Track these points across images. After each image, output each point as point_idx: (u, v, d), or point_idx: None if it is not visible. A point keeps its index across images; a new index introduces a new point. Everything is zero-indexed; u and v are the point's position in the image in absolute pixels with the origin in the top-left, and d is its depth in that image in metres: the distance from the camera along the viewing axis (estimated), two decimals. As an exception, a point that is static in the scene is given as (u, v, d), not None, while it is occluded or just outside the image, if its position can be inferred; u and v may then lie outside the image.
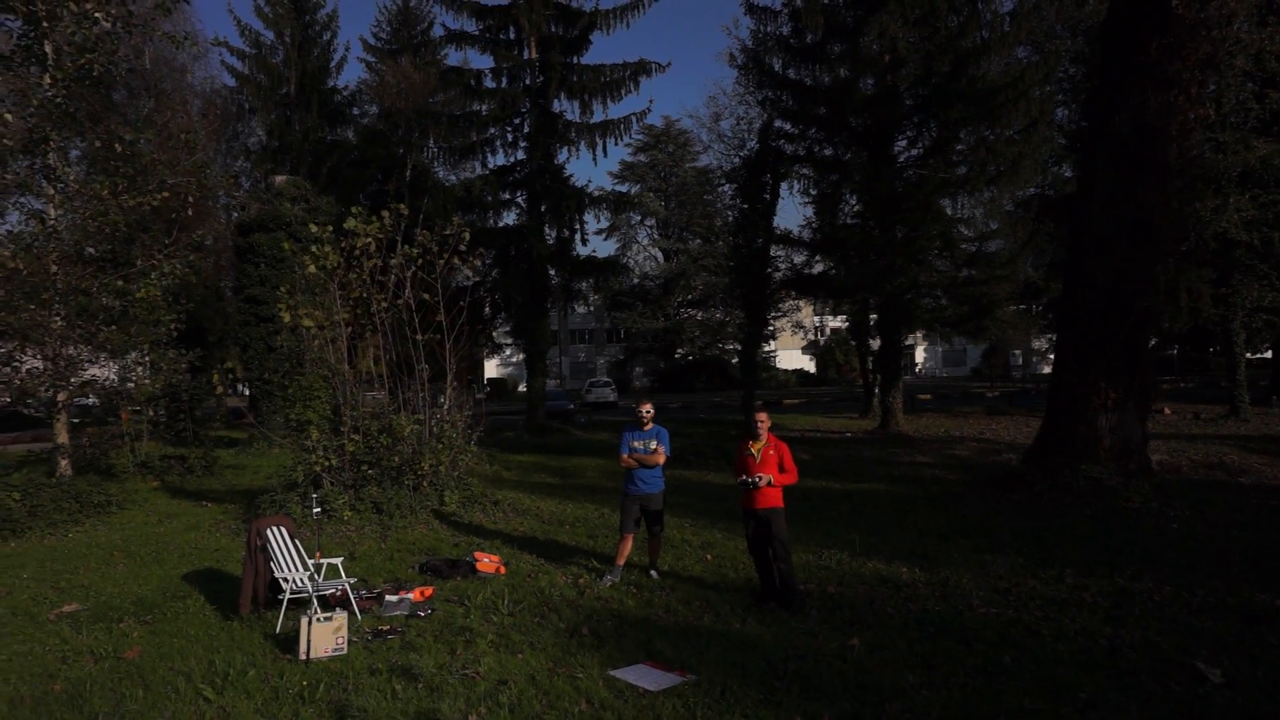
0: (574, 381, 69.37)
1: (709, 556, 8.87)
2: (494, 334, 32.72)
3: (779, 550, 7.16)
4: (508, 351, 61.18)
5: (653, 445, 7.99)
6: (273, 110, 36.28)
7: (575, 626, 6.46)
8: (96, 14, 11.09)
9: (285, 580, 6.62)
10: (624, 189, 66.09)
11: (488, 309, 26.83)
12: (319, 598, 6.68)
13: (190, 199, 12.69)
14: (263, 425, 17.59)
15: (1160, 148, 11.94)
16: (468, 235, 11.51)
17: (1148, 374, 12.79)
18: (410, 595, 7.31)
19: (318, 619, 5.89)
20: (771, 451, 7.29)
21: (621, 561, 8.06)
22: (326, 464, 10.57)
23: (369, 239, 11.30)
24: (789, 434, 24.12)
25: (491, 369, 73.01)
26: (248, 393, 27.61)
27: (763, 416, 7.38)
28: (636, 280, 65.41)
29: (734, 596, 7.36)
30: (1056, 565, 8.16)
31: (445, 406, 11.66)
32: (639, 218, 66.99)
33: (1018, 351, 73.43)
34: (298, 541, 7.16)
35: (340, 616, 5.98)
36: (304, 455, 10.54)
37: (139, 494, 13.98)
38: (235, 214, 22.13)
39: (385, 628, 6.52)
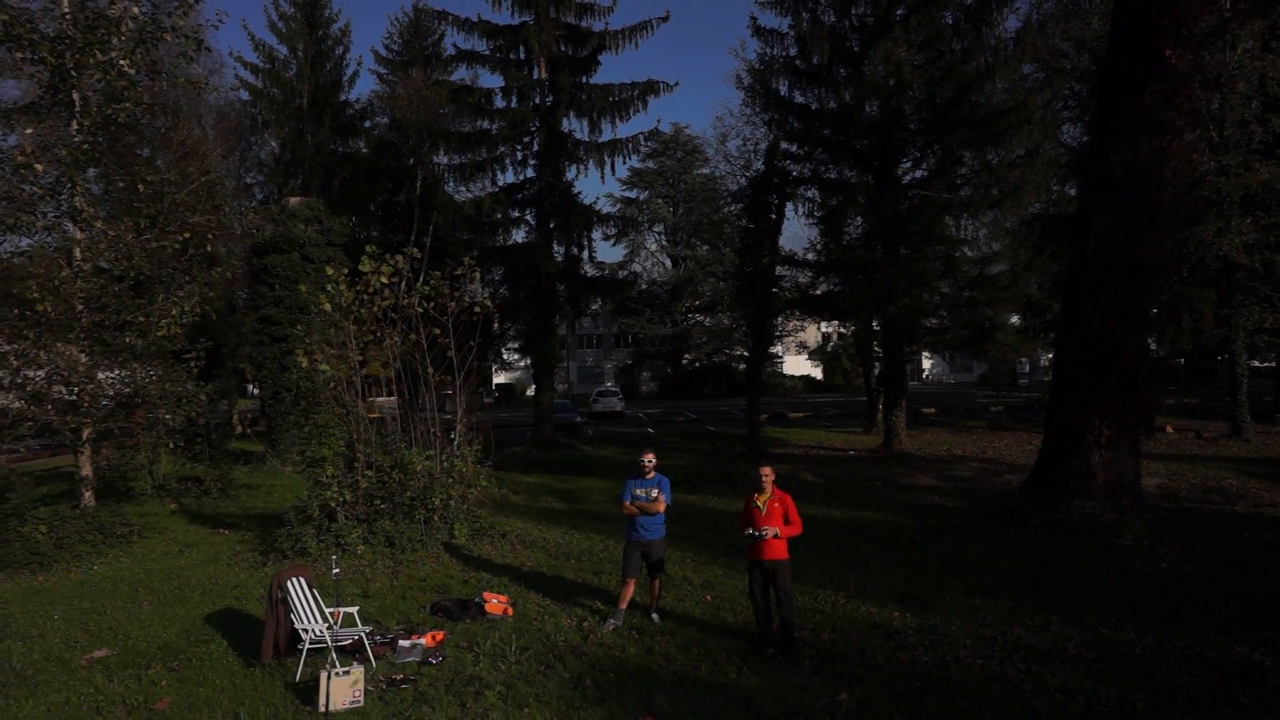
0: (582, 386, 69.78)
1: (709, 598, 9.20)
2: (503, 350, 33.10)
3: (784, 600, 7.51)
4: (517, 358, 61.73)
5: (654, 493, 8.33)
6: (285, 124, 36.73)
7: (579, 677, 6.81)
8: (122, 61, 11.49)
9: (305, 631, 6.98)
10: (632, 195, 66.61)
11: (496, 325, 27.21)
12: (336, 647, 7.04)
13: (210, 236, 13.08)
14: (274, 444, 18.00)
15: (1154, 191, 12.21)
16: (478, 274, 11.86)
17: (1142, 411, 13.06)
18: (423, 640, 7.66)
19: (336, 673, 6.25)
20: (777, 504, 7.63)
21: (624, 605, 8.40)
22: (340, 499, 10.95)
23: (381, 279, 11.68)
24: (794, 451, 24.45)
25: (499, 374, 73.50)
26: (256, 392, 28.03)
27: (767, 471, 7.71)
28: (644, 286, 65.79)
29: (731, 643, 7.69)
30: (1044, 611, 8.46)
31: (455, 442, 12.03)
32: (647, 224, 67.31)
33: (1024, 360, 73.57)
34: (315, 591, 7.52)
35: (357, 670, 6.34)
36: (319, 491, 10.92)
37: (158, 519, 14.40)
38: (253, 232, 22.48)
39: (399, 676, 6.87)
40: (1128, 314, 12.46)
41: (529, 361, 35.72)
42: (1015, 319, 25.05)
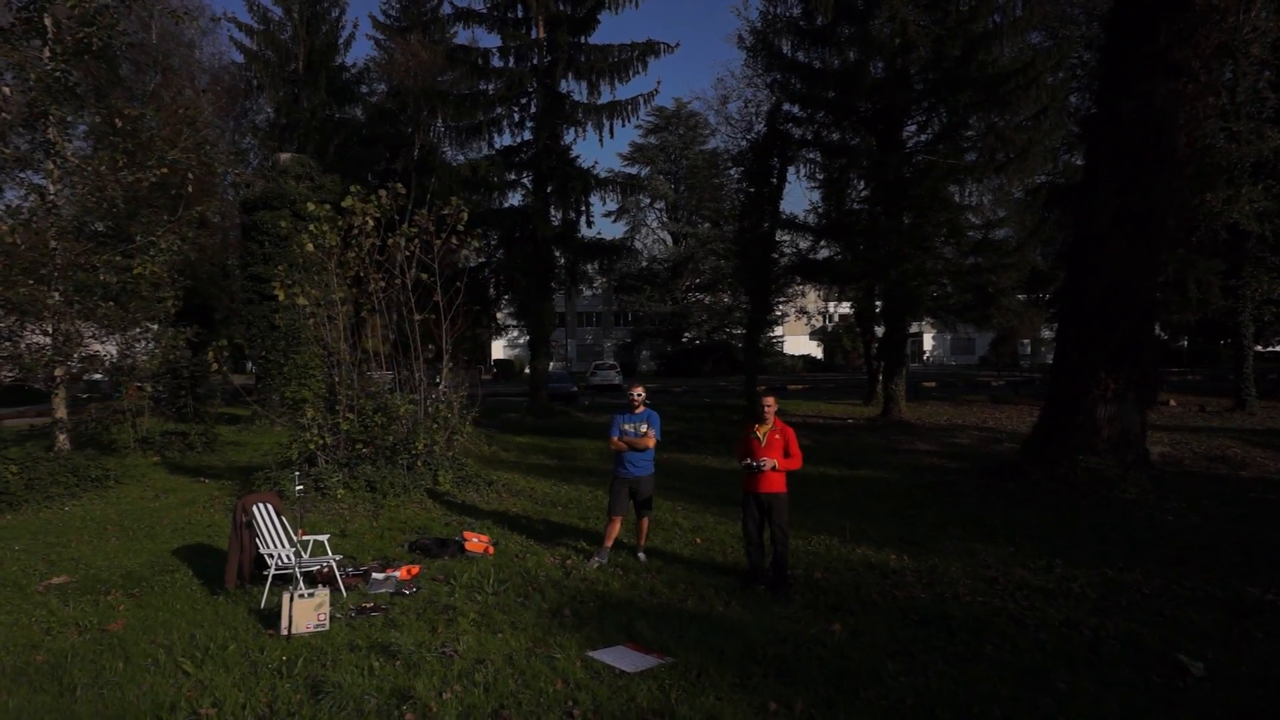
0: (581, 364, 69.42)
1: (698, 540, 8.87)
2: (498, 315, 32.66)
3: (778, 534, 7.17)
4: (515, 333, 61.28)
5: (643, 428, 7.97)
6: (280, 87, 36.11)
7: (558, 607, 6.47)
8: (95, -17, 11.06)
9: (270, 556, 6.64)
10: (633, 171, 65.92)
11: (492, 290, 26.81)
12: (305, 574, 6.71)
13: (191, 174, 12.66)
14: (264, 403, 17.64)
15: (1167, 137, 11.77)
16: (465, 215, 11.45)
17: (1148, 365, 12.69)
18: (397, 573, 7.32)
19: (300, 595, 5.91)
20: (777, 436, 7.28)
21: (609, 543, 8.06)
22: (321, 442, 10.60)
23: (367, 218, 11.31)
24: (792, 420, 24.07)
25: (499, 350, 73.13)
26: (254, 369, 27.75)
27: (769, 400, 7.35)
28: (645, 263, 65.29)
29: (720, 580, 7.36)
30: (1046, 556, 8.12)
31: (441, 386, 11.66)
32: (648, 200, 66.77)
33: (1026, 341, 72.98)
34: (284, 518, 7.18)
35: (322, 593, 6.00)
36: (299, 433, 10.56)
37: (138, 469, 14.07)
38: (241, 190, 22.08)
39: (369, 605, 6.54)
40: (1136, 266, 12.05)
41: (528, 341, 35.41)
42: (1018, 291, 24.54)
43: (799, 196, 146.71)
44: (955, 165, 21.41)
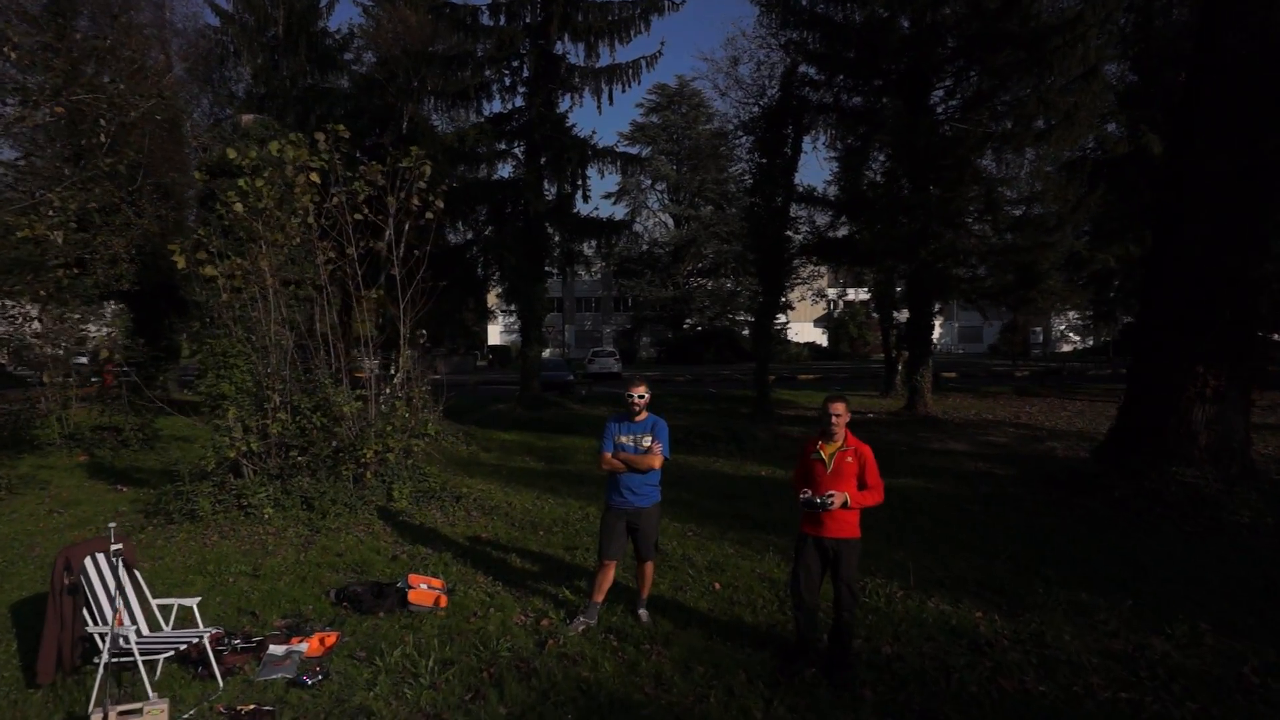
0: (579, 351, 67.33)
1: (717, 585, 6.80)
2: (487, 298, 30.50)
3: (845, 598, 5.12)
4: (511, 318, 59.10)
5: (646, 441, 5.91)
6: (259, 53, 33.83)
7: (520, 715, 4.42)
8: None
9: (103, 636, 4.56)
10: (634, 151, 63.53)
11: (480, 270, 24.67)
12: (165, 658, 4.66)
13: (103, 121, 10.50)
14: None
15: (1287, 77, 9.64)
16: (428, 169, 9.35)
17: (1257, 358, 10.62)
18: (304, 645, 5.28)
19: (120, 712, 3.85)
20: (850, 459, 5.23)
21: (600, 598, 6.01)
22: (245, 449, 8.53)
23: (307, 172, 9.25)
24: (806, 413, 22.02)
25: (495, 336, 71.07)
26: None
27: (838, 408, 5.29)
28: (645, 247, 63.21)
29: (752, 656, 5.31)
30: (1182, 614, 6.06)
31: (398, 380, 9.57)
32: (649, 181, 64.55)
33: (1038, 329, 70.90)
34: (137, 574, 5.10)
35: (156, 709, 3.94)
36: (216, 438, 8.49)
37: (54, 471, 12.01)
38: (201, 151, 19.94)
39: (248, 709, 4.48)
40: (1242, 235, 9.95)
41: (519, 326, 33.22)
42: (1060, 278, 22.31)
43: (814, 170, 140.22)
44: (992, 133, 19.27)
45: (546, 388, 27.04)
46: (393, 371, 9.56)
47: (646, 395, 5.91)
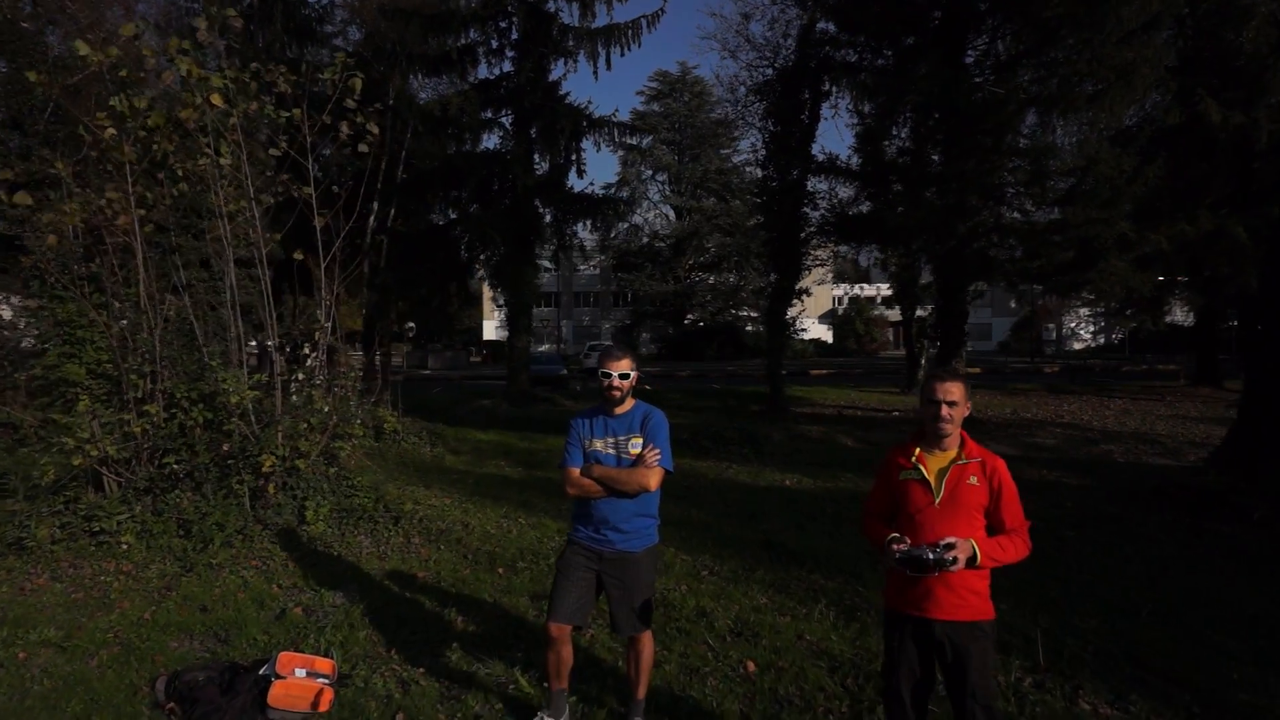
0: (577, 346, 65.10)
1: (751, 666, 4.52)
2: (469, 284, 28.14)
3: (974, 710, 2.86)
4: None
5: (634, 447, 3.65)
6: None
7: None
8: None
9: None
10: (634, 141, 61.18)
11: (464, 252, 22.34)
12: None
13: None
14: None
15: None
16: (359, 84, 7.08)
17: None
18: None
19: None
20: (975, 480, 3.01)
21: (562, 684, 3.74)
22: (100, 455, 6.24)
23: (213, 100, 7.01)
24: (823, 410, 19.75)
25: (490, 331, 68.81)
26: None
27: (953, 390, 3.05)
28: (645, 239, 61.06)
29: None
30: None
31: (313, 362, 7.27)
32: (650, 171, 62.31)
33: (1051, 326, 68.53)
34: None
35: None
36: (57, 439, 6.20)
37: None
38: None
39: None
40: None
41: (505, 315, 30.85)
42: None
43: (834, 140, 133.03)
44: (1037, 95, 16.99)
45: (536, 382, 24.78)
46: (305, 352, 7.26)
47: (632, 374, 3.65)
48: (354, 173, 32.95)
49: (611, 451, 3.63)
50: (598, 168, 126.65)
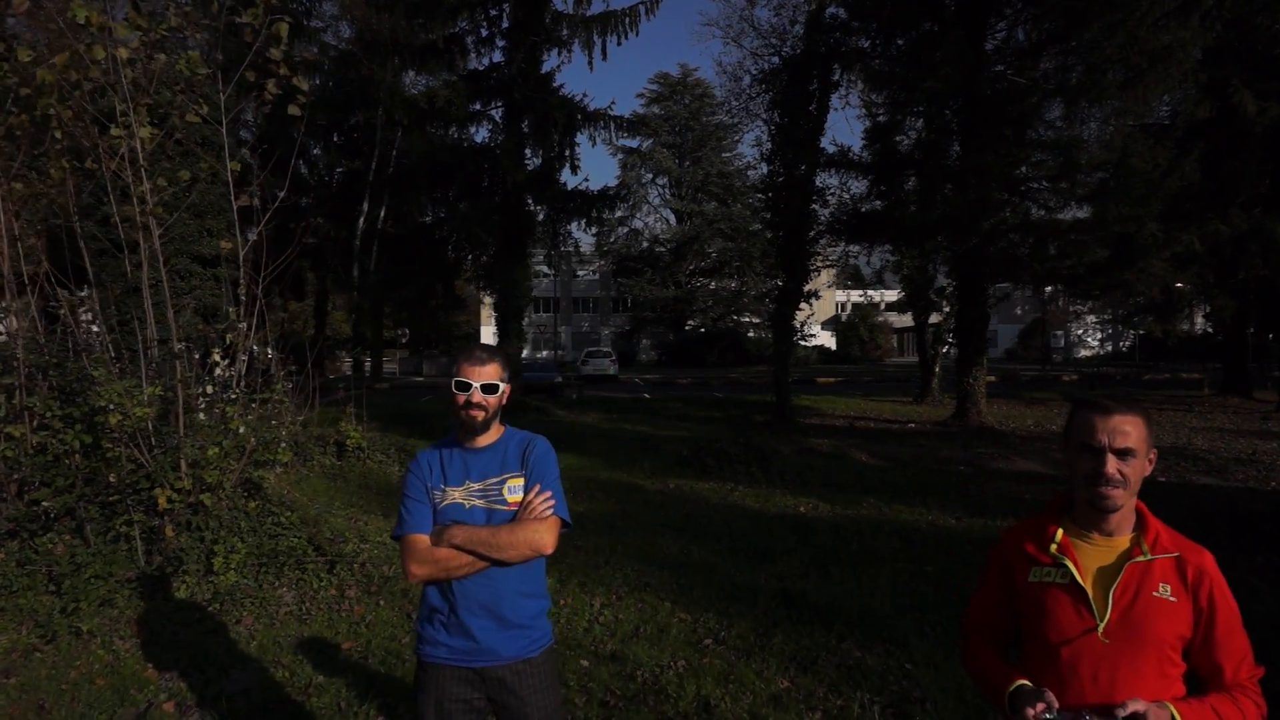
0: (576, 353, 63.89)
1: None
2: (455, 284, 26.84)
3: None
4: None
5: (511, 488, 2.33)
6: (216, 17, 30.33)
7: None
8: None
9: None
10: (634, 144, 60.05)
11: (451, 251, 21.11)
12: None
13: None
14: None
15: None
16: (284, 30, 5.83)
17: None
18: None
19: None
20: (1166, 592, 1.68)
21: None
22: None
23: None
24: (833, 421, 18.43)
25: (487, 336, 67.53)
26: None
27: (1127, 425, 1.72)
28: (645, 244, 59.97)
29: None
30: None
31: (224, 372, 5.95)
32: (650, 175, 61.19)
33: (1059, 333, 67.26)
34: None
35: None
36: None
37: None
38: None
39: None
40: None
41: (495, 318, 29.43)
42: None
43: (844, 133, 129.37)
44: (1065, 83, 15.76)
45: (528, 390, 23.48)
46: (212, 358, 5.93)
47: (502, 386, 2.37)
48: (345, 172, 31.87)
49: (478, 502, 2.30)
50: (596, 171, 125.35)
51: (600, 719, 3.85)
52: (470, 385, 2.26)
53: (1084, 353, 69.51)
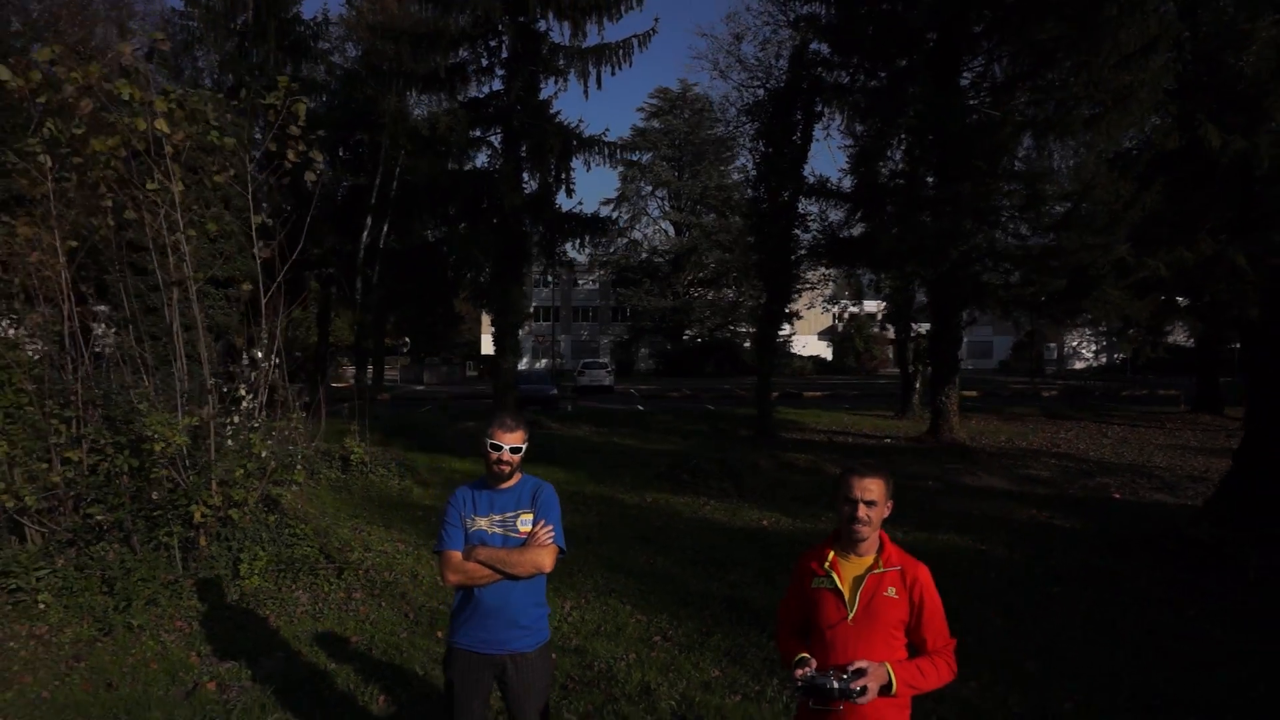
0: (574, 363, 64.79)
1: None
2: (454, 302, 27.82)
3: None
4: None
5: (523, 521, 3.26)
6: (226, 39, 31.32)
7: None
8: None
9: None
10: (634, 157, 60.99)
11: (451, 272, 22.07)
12: None
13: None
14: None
15: None
16: (302, 109, 6.74)
17: None
18: None
19: None
20: (894, 591, 2.68)
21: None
22: (18, 505, 5.87)
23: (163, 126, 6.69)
24: (815, 438, 19.32)
25: (488, 345, 68.41)
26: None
27: (872, 488, 2.68)
28: (644, 255, 60.92)
29: None
30: None
31: (249, 404, 6.89)
32: (649, 187, 62.22)
33: (1052, 345, 68.08)
34: None
35: None
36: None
37: None
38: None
39: None
40: None
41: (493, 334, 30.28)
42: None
43: (825, 163, 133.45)
44: (1033, 118, 16.71)
45: (524, 403, 24.41)
46: (239, 389, 6.87)
47: (524, 445, 3.26)
48: (350, 188, 32.82)
49: (498, 530, 3.23)
50: (597, 184, 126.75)
51: (560, 699, 4.75)
52: (502, 447, 3.18)
53: (1078, 365, 70.26)
